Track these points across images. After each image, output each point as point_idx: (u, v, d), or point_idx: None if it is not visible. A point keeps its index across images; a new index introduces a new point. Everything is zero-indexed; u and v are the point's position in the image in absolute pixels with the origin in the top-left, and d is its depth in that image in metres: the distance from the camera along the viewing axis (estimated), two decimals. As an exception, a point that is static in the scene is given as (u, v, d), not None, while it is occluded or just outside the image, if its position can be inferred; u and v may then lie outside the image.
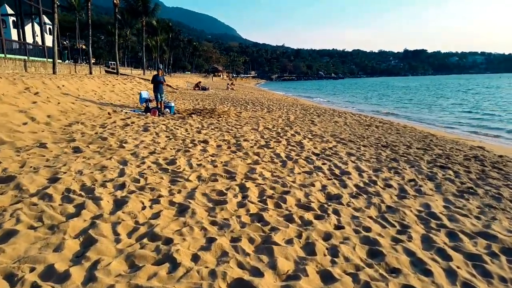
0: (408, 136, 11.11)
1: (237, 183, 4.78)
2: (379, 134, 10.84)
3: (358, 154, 7.47)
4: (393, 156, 7.44)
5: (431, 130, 14.10)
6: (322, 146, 8.11)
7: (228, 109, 14.53)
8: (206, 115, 11.94)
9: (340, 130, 11.23)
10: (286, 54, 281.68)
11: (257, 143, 7.83)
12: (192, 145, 7.08)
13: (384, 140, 9.65)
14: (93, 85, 15.98)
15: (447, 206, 4.56)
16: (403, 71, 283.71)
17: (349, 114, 16.86)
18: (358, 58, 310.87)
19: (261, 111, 15.41)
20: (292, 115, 14.30)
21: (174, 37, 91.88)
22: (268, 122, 11.58)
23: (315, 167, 6.08)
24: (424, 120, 18.90)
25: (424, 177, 5.93)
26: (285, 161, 6.30)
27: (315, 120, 13.11)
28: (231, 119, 11.56)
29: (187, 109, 13.77)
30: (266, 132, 9.56)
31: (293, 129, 10.42)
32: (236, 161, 5.96)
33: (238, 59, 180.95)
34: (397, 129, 12.73)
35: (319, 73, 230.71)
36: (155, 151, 6.30)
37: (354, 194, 4.75)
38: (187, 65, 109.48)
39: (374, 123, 13.86)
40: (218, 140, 7.86)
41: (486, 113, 21.40)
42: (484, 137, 13.61)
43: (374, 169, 6.25)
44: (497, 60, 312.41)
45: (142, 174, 4.87)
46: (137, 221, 3.37)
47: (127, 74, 31.60)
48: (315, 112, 16.30)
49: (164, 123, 9.74)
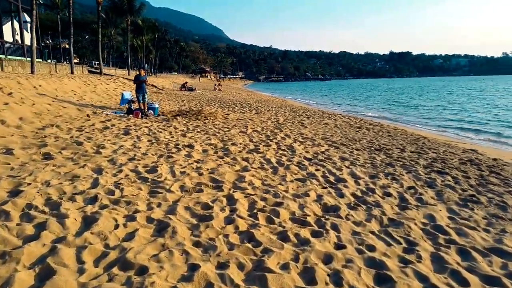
0: (400, 138, 10.87)
1: (224, 194, 4.33)
2: (370, 137, 10.55)
3: (351, 158, 7.11)
4: (388, 161, 7.11)
5: (421, 132, 13.94)
6: (314, 150, 7.73)
7: (215, 111, 14.04)
8: (192, 117, 11.43)
9: (331, 132, 10.89)
10: (274, 55, 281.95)
11: (246, 147, 7.39)
12: (176, 150, 6.59)
13: (377, 143, 9.36)
14: (73, 85, 15.25)
15: (452, 217, 4.21)
16: (388, 73, 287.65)
17: (339, 116, 16.60)
18: (344, 60, 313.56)
19: (249, 112, 14.97)
20: (281, 117, 13.92)
21: (160, 37, 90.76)
22: (257, 125, 11.16)
23: (308, 173, 5.67)
24: (412, 121, 18.81)
25: (423, 183, 5.61)
26: (276, 167, 5.88)
27: (305, 122, 12.76)
28: (218, 121, 11.08)
29: (172, 110, 13.22)
30: (255, 135, 9.13)
31: (283, 132, 10.03)
32: (223, 168, 5.50)
33: (225, 60, 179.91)
34: (388, 131, 12.50)
35: (307, 74, 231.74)
36: (134, 157, 5.79)
37: (353, 204, 4.36)
38: (174, 65, 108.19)
39: (364, 125, 13.61)
40: (204, 144, 7.39)
41: (473, 115, 21.50)
42: (474, 139, 13.53)
43: (370, 175, 5.89)
44: (479, 62, 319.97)
45: (118, 184, 4.37)
46: (107, 244, 2.88)
47: (111, 74, 30.71)
48: (305, 114, 15.96)
49: (146, 126, 9.20)
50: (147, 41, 58.84)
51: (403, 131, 12.97)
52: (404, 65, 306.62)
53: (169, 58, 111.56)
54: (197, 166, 5.52)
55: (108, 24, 52.59)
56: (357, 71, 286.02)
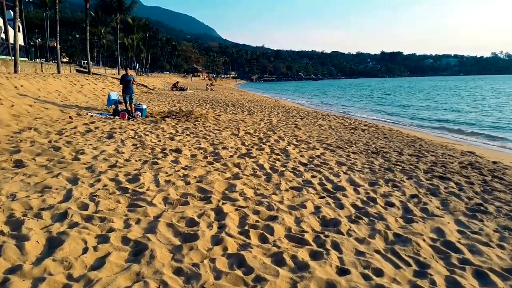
0: (397, 140, 10.56)
1: (212, 207, 3.91)
2: (366, 139, 10.22)
3: (349, 163, 6.75)
4: (387, 165, 6.76)
5: (417, 133, 13.67)
6: (309, 153, 7.35)
7: (206, 112, 13.59)
8: (181, 119, 10.96)
9: (326, 134, 10.54)
10: (266, 55, 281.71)
11: (237, 151, 6.98)
12: (162, 155, 6.14)
13: (373, 146, 9.02)
14: (58, 85, 14.65)
15: (462, 231, 3.85)
16: (380, 72, 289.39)
17: (333, 117, 16.27)
18: (336, 60, 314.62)
19: (241, 113, 14.55)
20: (274, 118, 13.53)
21: (151, 36, 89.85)
22: (249, 126, 10.74)
23: (304, 181, 5.28)
24: (406, 122, 18.59)
25: (426, 191, 5.26)
26: (269, 174, 5.47)
27: (298, 124, 12.38)
28: (209, 123, 10.64)
29: (161, 111, 12.73)
30: (247, 137, 8.71)
31: (276, 134, 9.64)
32: (212, 176, 5.08)
33: (218, 59, 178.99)
34: (383, 133, 12.19)
35: (299, 74, 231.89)
36: (116, 164, 5.33)
37: (354, 217, 3.97)
38: (165, 64, 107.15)
39: (359, 126, 13.30)
40: (193, 148, 6.95)
41: (466, 115, 21.39)
42: (470, 140, 13.32)
43: (369, 182, 5.52)
44: (469, 62, 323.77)
45: (93, 197, 3.91)
46: (71, 274, 2.44)
47: (100, 73, 29.99)
48: (298, 115, 15.60)
49: (133, 128, 8.72)
50: (138, 40, 57.94)
51: (399, 133, 12.68)
52: (395, 65, 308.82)
53: (160, 57, 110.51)
54: (184, 174, 5.09)
55: (98, 23, 51.68)
56: (349, 70, 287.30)
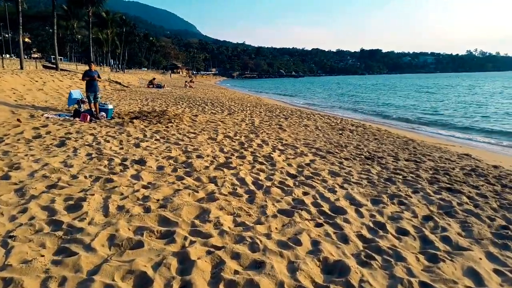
0: (388, 142, 9.80)
1: (175, 249, 2.87)
2: (356, 141, 9.40)
3: (343, 173, 5.85)
4: (386, 175, 5.90)
5: (406, 133, 12.99)
6: (297, 161, 6.40)
7: (182, 112, 12.43)
8: (153, 120, 9.80)
9: (313, 136, 9.64)
10: (247, 51, 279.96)
11: (214, 161, 5.94)
12: (121, 169, 5.02)
13: (366, 150, 8.20)
14: (15, 82, 13.13)
15: (500, 271, 3.00)
16: (360, 70, 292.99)
17: (318, 116, 15.43)
18: (317, 57, 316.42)
19: (221, 113, 13.47)
20: (256, 118, 12.53)
21: (129, 31, 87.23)
22: (229, 128, 9.71)
23: (295, 200, 4.32)
24: (393, 120, 18.01)
25: (439, 209, 4.42)
26: (252, 192, 4.48)
27: (283, 124, 11.44)
28: (184, 125, 9.52)
29: (131, 111, 11.48)
30: (227, 142, 7.68)
31: (259, 137, 8.65)
32: (181, 197, 4.03)
33: (198, 56, 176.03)
34: (372, 133, 11.44)
35: (280, 71, 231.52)
36: (57, 184, 4.19)
37: (364, 256, 3.04)
38: (143, 61, 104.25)
39: (347, 126, 12.51)
40: (162, 158, 5.85)
41: (449, 112, 21.10)
42: (461, 139, 12.80)
43: (372, 198, 4.63)
44: (445, 60, 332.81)
45: (7, 239, 2.80)
46: None
47: (69, 69, 28.12)
48: (282, 114, 14.66)
49: (92, 133, 7.51)
50: (113, 34, 55.57)
51: (388, 133, 11.96)
52: (375, 62, 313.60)
53: (138, 53, 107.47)
54: (144, 195, 4.02)
55: (70, 16, 49.08)
56: (330, 68, 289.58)
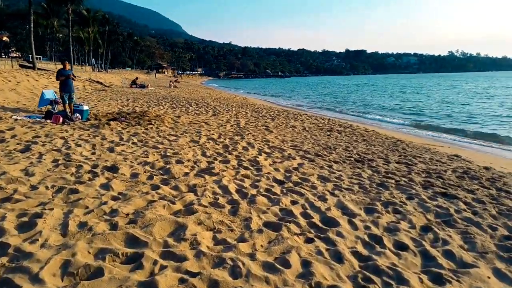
0: (377, 143, 9.54)
1: (141, 279, 2.42)
2: (345, 143, 9.10)
3: (333, 177, 5.50)
4: (378, 179, 5.59)
5: (394, 134, 12.80)
6: (284, 165, 6.02)
7: (164, 112, 11.90)
8: (132, 121, 9.26)
9: (301, 138, 9.30)
10: (233, 51, 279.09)
11: (195, 166, 5.50)
12: (89, 177, 4.53)
13: (355, 152, 7.89)
14: (-15, 81, 12.35)
15: (512, 290, 2.68)
16: (345, 70, 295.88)
17: (305, 117, 15.12)
18: (303, 57, 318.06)
19: (205, 114, 12.99)
20: (242, 119, 12.11)
21: (112, 30, 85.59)
22: (213, 130, 9.26)
23: (283, 210, 3.93)
24: (379, 120, 17.88)
25: (436, 217, 4.13)
26: (236, 202, 4.06)
27: (269, 125, 11.06)
28: (164, 127, 9.02)
29: (109, 112, 10.88)
30: (210, 145, 7.23)
31: (245, 139, 8.24)
32: (154, 210, 3.58)
33: (183, 55, 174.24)
34: (361, 134, 11.18)
35: (267, 71, 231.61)
36: (12, 196, 3.67)
37: (361, 279, 2.66)
38: (127, 60, 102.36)
39: (334, 127, 12.22)
40: (137, 163, 5.37)
41: (436, 112, 21.17)
42: (447, 139, 12.69)
43: (365, 207, 4.28)
44: (428, 61, 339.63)
45: None
46: None
47: (47, 69, 27.07)
48: (268, 115, 14.29)
49: (63, 136, 6.94)
50: (95, 33, 54.15)
51: (376, 134, 11.73)
52: (360, 63, 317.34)
53: (122, 53, 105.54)
54: (113, 209, 3.55)
55: (49, 14, 47.51)
56: (316, 68, 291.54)
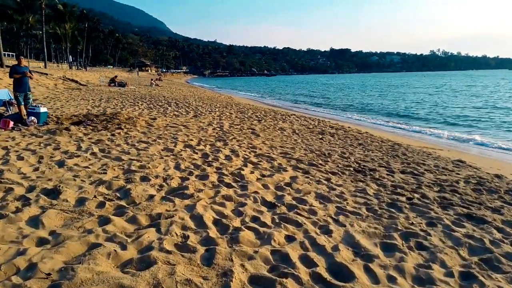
0: (374, 147, 8.66)
1: None
2: (340, 148, 8.18)
3: (334, 195, 4.53)
4: (386, 196, 4.66)
5: (389, 136, 11.98)
6: (275, 180, 5.01)
7: (139, 114, 10.72)
8: (98, 125, 8.06)
9: (291, 142, 8.31)
10: (219, 50, 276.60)
11: (164, 185, 4.42)
12: (17, 206, 3.39)
13: (353, 159, 6.97)
14: None
15: None
16: (330, 68, 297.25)
17: (294, 117, 14.16)
18: (288, 56, 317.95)
19: (185, 115, 11.85)
20: (226, 121, 11.04)
21: (92, 26, 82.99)
22: (192, 134, 8.16)
23: (276, 254, 2.89)
24: (370, 121, 17.12)
25: (472, 254, 3.21)
26: (212, 242, 3.01)
27: (256, 128, 10.04)
28: (135, 132, 7.87)
29: (75, 114, 9.63)
30: (186, 154, 6.15)
31: (228, 145, 7.19)
32: (92, 262, 2.50)
33: (168, 53, 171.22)
34: (355, 137, 10.30)
35: (252, 69, 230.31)
36: None
37: None
38: (109, 58, 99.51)
39: (326, 129, 11.31)
40: (89, 183, 4.24)
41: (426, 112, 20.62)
42: (443, 140, 11.99)
43: (381, 242, 3.32)
44: (411, 60, 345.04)
45: None
46: None
47: (16, 66, 25.28)
48: (255, 116, 13.26)
49: (7, 145, 5.73)
50: (73, 29, 51.89)
51: (371, 136, 10.86)
52: (344, 61, 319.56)
53: (104, 50, 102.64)
54: (31, 262, 2.45)
55: (23, 9, 45.09)
56: (301, 67, 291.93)
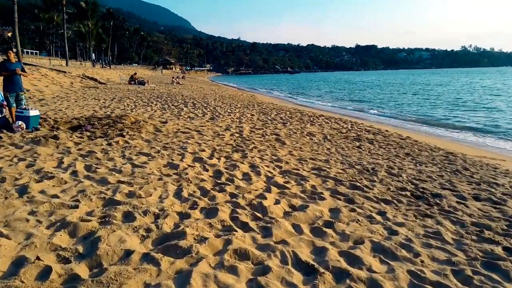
0: (425, 159, 7.06)
1: None
2: (384, 160, 6.65)
3: (399, 247, 3.06)
4: (475, 247, 3.14)
5: (436, 141, 10.23)
6: (309, 216, 3.60)
7: (149, 116, 9.55)
8: (97, 131, 6.91)
9: (323, 152, 6.85)
10: (242, 47, 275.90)
11: (153, 228, 3.09)
12: None
13: (405, 178, 5.45)
14: None
15: None
16: (355, 65, 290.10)
17: (323, 119, 12.62)
18: (312, 53, 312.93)
19: (201, 117, 10.58)
20: (247, 124, 9.68)
21: (118, 25, 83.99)
22: (205, 142, 6.86)
23: None
24: (409, 122, 15.25)
25: None
26: None
27: (281, 133, 8.62)
28: (139, 139, 6.64)
29: (76, 117, 8.56)
30: (194, 173, 4.82)
31: (247, 158, 5.83)
32: None
33: (192, 51, 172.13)
34: (398, 144, 8.70)
35: (276, 67, 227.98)
36: None
37: None
38: (134, 56, 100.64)
39: (362, 134, 9.75)
40: (43, 227, 2.99)
41: (468, 113, 18.44)
42: (499, 148, 10.14)
43: None
44: (440, 56, 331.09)
45: None
46: None
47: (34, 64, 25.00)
48: (279, 117, 11.84)
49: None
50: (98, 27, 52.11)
51: (415, 142, 9.21)
52: (370, 58, 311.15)
53: (129, 48, 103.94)
54: None
55: (49, 8, 45.58)
56: (325, 64, 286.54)
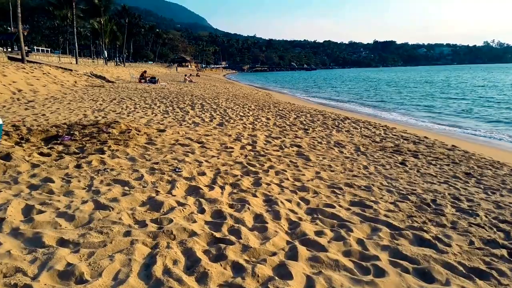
0: (493, 181, 5.47)
1: None
2: (442, 184, 4.99)
3: None
4: None
5: (489, 151, 8.41)
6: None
7: (146, 122, 8.11)
8: (74, 144, 5.51)
9: (360, 173, 5.23)
10: (258, 44, 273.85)
11: None
12: None
13: (485, 219, 3.82)
14: None
15: None
16: (373, 62, 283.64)
17: (349, 123, 10.94)
18: (329, 49, 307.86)
19: (208, 123, 9.08)
20: (261, 132, 8.12)
21: (133, 22, 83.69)
22: (208, 161, 5.34)
23: None
24: (446, 126, 13.33)
25: None
26: None
27: (303, 144, 7.03)
28: (122, 157, 5.18)
29: (57, 125, 7.19)
30: (182, 216, 3.31)
31: (261, 186, 4.29)
32: None
33: (207, 49, 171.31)
34: (449, 157, 6.98)
35: (292, 64, 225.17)
36: None
37: None
38: (149, 54, 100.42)
39: (401, 143, 8.05)
40: None
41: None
42: None
43: None
44: (462, 51, 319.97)
45: None
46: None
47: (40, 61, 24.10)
48: (299, 121, 10.23)
49: None
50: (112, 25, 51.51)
51: (472, 156, 7.44)
52: (389, 54, 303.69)
53: (144, 46, 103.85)
54: None
55: (62, 4, 45.12)
56: (343, 60, 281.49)
